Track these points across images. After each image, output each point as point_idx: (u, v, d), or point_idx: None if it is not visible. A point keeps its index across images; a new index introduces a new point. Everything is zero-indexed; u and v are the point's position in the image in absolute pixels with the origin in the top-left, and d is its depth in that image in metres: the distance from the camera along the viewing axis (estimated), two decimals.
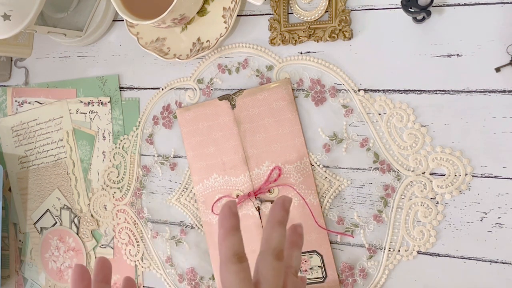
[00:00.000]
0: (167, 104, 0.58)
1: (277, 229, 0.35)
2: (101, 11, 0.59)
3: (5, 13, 0.49)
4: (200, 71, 0.56)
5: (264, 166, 0.52)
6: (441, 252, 0.47)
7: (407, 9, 0.44)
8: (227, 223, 0.34)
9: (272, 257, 0.34)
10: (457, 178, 0.46)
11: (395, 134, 0.48)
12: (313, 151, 0.51)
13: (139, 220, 0.61)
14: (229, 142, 0.54)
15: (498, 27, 0.44)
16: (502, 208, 0.45)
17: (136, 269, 0.62)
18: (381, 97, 0.48)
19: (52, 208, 0.67)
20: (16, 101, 0.69)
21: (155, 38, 0.56)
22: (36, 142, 0.67)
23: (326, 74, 0.50)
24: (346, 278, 0.51)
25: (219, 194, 0.55)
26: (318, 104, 0.51)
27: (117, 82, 0.61)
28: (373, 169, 0.49)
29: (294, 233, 0.38)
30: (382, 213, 0.49)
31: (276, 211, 0.36)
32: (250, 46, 0.53)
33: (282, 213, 0.36)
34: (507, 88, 0.44)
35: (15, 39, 0.65)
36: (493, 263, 0.46)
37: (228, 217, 0.34)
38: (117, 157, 0.62)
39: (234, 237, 0.34)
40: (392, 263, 0.49)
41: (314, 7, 0.50)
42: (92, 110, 0.63)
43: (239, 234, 0.34)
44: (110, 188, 0.62)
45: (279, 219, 0.36)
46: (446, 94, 0.46)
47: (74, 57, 0.65)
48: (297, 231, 0.38)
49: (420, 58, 0.47)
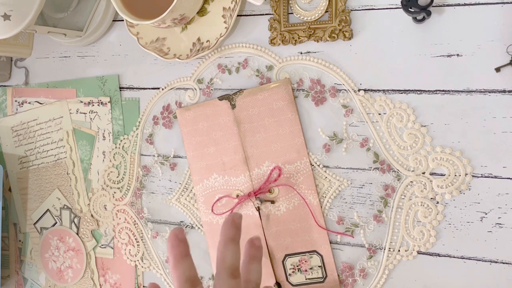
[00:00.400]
0: (167, 104, 0.58)
1: (229, 247, 0.36)
2: (101, 11, 0.59)
3: (5, 13, 0.49)
4: (200, 71, 0.56)
5: (264, 166, 0.52)
6: (441, 252, 0.47)
7: (407, 9, 0.44)
8: (175, 251, 0.35)
9: (227, 275, 0.35)
10: (457, 178, 0.46)
11: (395, 134, 0.48)
12: (313, 151, 0.51)
13: (139, 220, 0.61)
14: (229, 142, 0.54)
15: (498, 27, 0.44)
16: (502, 208, 0.45)
17: (136, 269, 0.62)
18: (381, 97, 0.48)
19: (52, 208, 0.67)
20: (16, 101, 0.69)
21: (155, 38, 0.56)
22: (36, 142, 0.67)
23: (326, 74, 0.50)
24: (346, 278, 0.51)
25: (219, 194, 0.55)
26: (318, 104, 0.51)
27: (117, 82, 0.61)
28: (373, 169, 0.49)
29: (251, 247, 0.38)
30: (382, 213, 0.49)
31: (226, 229, 0.37)
32: (250, 46, 0.53)
33: (233, 230, 0.37)
34: (507, 88, 0.44)
35: (15, 39, 0.65)
36: (493, 263, 0.46)
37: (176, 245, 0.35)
38: (117, 157, 0.62)
39: (185, 263, 0.35)
40: (392, 263, 0.49)
41: (314, 7, 0.50)
42: (92, 110, 0.63)
43: (189, 259, 0.35)
44: (110, 188, 0.62)
45: (231, 237, 0.37)
46: (446, 94, 0.46)
47: (74, 57, 0.65)
48: (255, 244, 0.39)
49: (420, 58, 0.47)
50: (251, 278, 0.37)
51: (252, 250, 0.38)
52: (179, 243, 0.35)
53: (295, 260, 0.52)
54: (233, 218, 0.38)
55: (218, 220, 0.55)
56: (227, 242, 0.36)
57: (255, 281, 0.37)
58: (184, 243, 0.36)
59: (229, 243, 0.36)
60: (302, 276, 0.52)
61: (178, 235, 0.35)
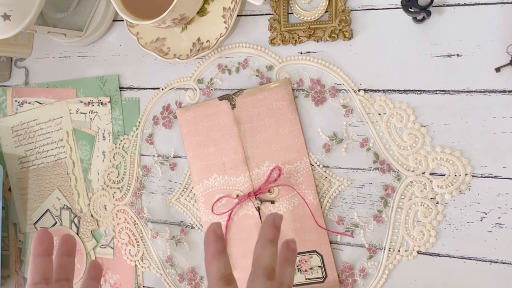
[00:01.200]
0: (167, 104, 0.58)
1: (268, 248, 0.35)
2: (101, 11, 0.59)
3: (5, 13, 0.49)
4: (200, 71, 0.56)
5: (264, 166, 0.52)
6: (441, 252, 0.47)
7: (407, 9, 0.44)
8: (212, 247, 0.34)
9: (263, 277, 0.34)
10: (457, 178, 0.46)
11: (395, 134, 0.48)
12: (313, 151, 0.51)
13: (139, 220, 0.61)
14: (229, 142, 0.54)
15: (498, 27, 0.44)
16: (502, 208, 0.45)
17: (136, 269, 0.62)
18: (381, 97, 0.48)
19: (52, 208, 0.67)
20: (16, 101, 0.69)
21: (155, 38, 0.56)
22: (36, 142, 0.67)
23: (326, 74, 0.51)
24: (346, 278, 0.51)
25: (219, 194, 0.55)
26: (318, 104, 0.51)
27: (117, 82, 0.61)
28: (373, 169, 0.49)
29: (287, 250, 0.38)
30: (382, 213, 0.49)
31: (266, 229, 0.36)
32: (250, 46, 0.53)
33: (273, 231, 0.36)
34: (507, 88, 0.44)
35: (15, 39, 0.65)
36: (493, 263, 0.46)
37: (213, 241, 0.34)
38: (117, 157, 0.62)
39: (221, 260, 0.34)
40: (392, 263, 0.49)
41: (314, 7, 0.50)
42: (92, 110, 0.63)
43: (225, 257, 0.35)
44: (110, 188, 0.62)
45: (270, 238, 0.36)
46: (446, 94, 0.46)
47: (74, 57, 0.65)
48: (290, 247, 0.38)
49: (420, 58, 0.47)
50: (284, 280, 0.36)
51: (288, 252, 0.37)
52: (216, 238, 0.34)
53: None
54: (273, 218, 0.36)
55: (218, 220, 0.55)
56: (266, 243, 0.35)
57: (288, 284, 0.36)
58: (221, 239, 0.35)
59: (267, 244, 0.35)
60: (302, 276, 0.52)
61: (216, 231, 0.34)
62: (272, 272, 0.35)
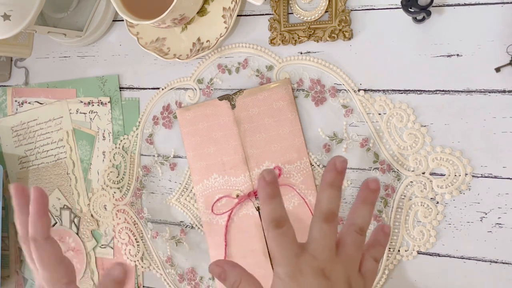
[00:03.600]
0: (167, 104, 0.58)
1: (326, 191, 0.34)
2: (101, 11, 0.59)
3: (5, 13, 0.49)
4: (200, 71, 0.56)
5: (264, 166, 0.52)
6: (441, 252, 0.47)
7: (407, 9, 0.44)
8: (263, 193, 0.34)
9: (320, 219, 0.34)
10: (457, 178, 0.46)
11: (395, 134, 0.48)
12: (313, 151, 0.51)
13: (139, 220, 0.61)
14: (229, 142, 0.54)
15: (498, 27, 0.44)
16: (502, 208, 0.45)
17: (136, 269, 0.62)
18: (381, 97, 0.48)
19: (52, 208, 0.67)
20: (16, 101, 0.69)
21: (155, 38, 0.56)
22: (36, 142, 0.67)
23: (326, 74, 0.51)
24: None
25: (219, 194, 0.55)
26: (318, 104, 0.51)
27: (117, 82, 0.61)
28: (373, 169, 0.49)
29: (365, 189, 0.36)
30: (382, 213, 0.49)
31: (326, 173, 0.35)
32: (250, 46, 0.53)
33: (332, 174, 0.34)
34: (507, 88, 0.44)
35: (15, 39, 0.65)
36: (493, 263, 0.46)
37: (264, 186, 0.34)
38: (117, 157, 0.62)
39: (271, 204, 0.34)
40: (392, 263, 0.49)
41: (314, 7, 0.50)
42: (92, 110, 0.63)
43: (277, 200, 0.34)
44: (110, 188, 0.62)
45: (329, 181, 0.34)
46: (446, 94, 0.46)
47: (74, 57, 0.65)
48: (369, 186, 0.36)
49: (420, 58, 0.47)
50: (355, 221, 0.35)
51: (365, 192, 0.36)
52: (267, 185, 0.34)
53: None
54: (335, 161, 0.34)
55: (218, 220, 0.55)
56: (324, 186, 0.34)
57: (359, 226, 0.35)
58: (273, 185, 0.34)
59: (326, 187, 0.34)
60: None
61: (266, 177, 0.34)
62: (331, 215, 0.34)
